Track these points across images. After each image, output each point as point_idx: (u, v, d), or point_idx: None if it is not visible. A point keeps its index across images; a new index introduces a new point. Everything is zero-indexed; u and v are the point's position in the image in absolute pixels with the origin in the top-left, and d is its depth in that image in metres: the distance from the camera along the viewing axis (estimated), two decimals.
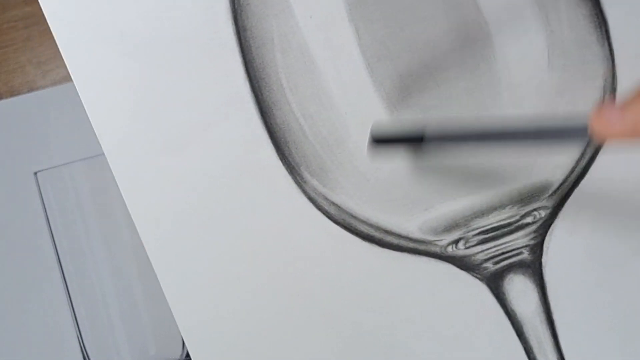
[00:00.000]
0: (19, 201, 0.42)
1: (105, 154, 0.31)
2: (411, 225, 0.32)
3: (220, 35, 0.31)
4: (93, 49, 0.31)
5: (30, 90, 0.43)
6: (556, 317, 0.32)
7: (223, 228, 0.32)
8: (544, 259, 0.32)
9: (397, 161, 0.30)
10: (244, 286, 0.32)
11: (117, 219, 0.40)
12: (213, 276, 0.32)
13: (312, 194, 0.32)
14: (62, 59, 0.31)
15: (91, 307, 0.41)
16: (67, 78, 0.42)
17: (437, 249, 0.32)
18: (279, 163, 0.32)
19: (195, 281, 0.32)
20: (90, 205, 0.41)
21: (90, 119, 0.31)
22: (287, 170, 0.32)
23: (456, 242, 0.32)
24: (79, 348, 0.41)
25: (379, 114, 0.30)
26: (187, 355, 0.40)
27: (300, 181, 0.32)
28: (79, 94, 0.31)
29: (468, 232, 0.31)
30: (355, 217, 0.32)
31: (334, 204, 0.32)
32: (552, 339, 0.32)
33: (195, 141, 0.31)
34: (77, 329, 0.41)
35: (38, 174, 0.41)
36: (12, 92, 0.43)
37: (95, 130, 0.31)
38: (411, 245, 0.32)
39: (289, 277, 0.32)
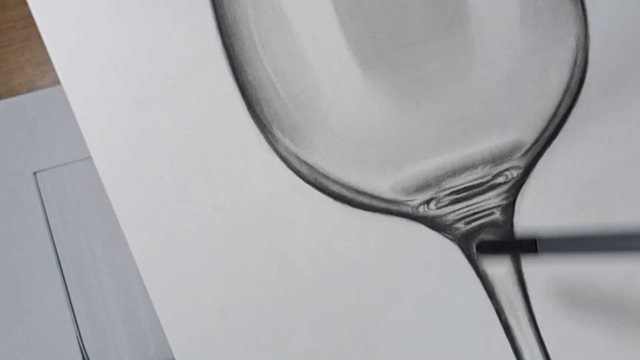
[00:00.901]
0: (19, 201, 0.41)
1: (75, 113, 0.31)
2: (383, 185, 0.31)
3: None
4: (67, 7, 0.30)
5: (30, 90, 0.42)
6: (527, 278, 0.32)
7: (194, 185, 0.31)
8: (515, 219, 0.32)
9: (370, 121, 0.30)
10: (216, 244, 0.31)
11: (116, 219, 0.40)
12: (185, 233, 0.31)
13: (284, 153, 0.32)
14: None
15: (91, 307, 0.40)
16: None
17: (409, 209, 0.32)
18: (251, 121, 0.31)
19: (165, 239, 0.31)
20: (90, 205, 0.40)
21: (60, 79, 0.30)
22: (258, 128, 0.31)
23: (428, 202, 0.31)
24: (79, 348, 0.41)
25: (352, 72, 0.30)
26: None
27: (272, 140, 0.31)
28: (46, 45, 0.30)
29: (440, 192, 0.31)
30: (327, 177, 0.32)
31: (306, 163, 0.31)
32: (524, 300, 0.32)
33: (167, 97, 0.31)
34: (76, 329, 0.40)
35: (37, 174, 0.41)
36: (12, 92, 0.42)
37: (66, 90, 0.30)
38: (383, 205, 0.32)
39: (260, 236, 0.32)
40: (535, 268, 0.31)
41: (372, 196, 0.31)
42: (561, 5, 0.30)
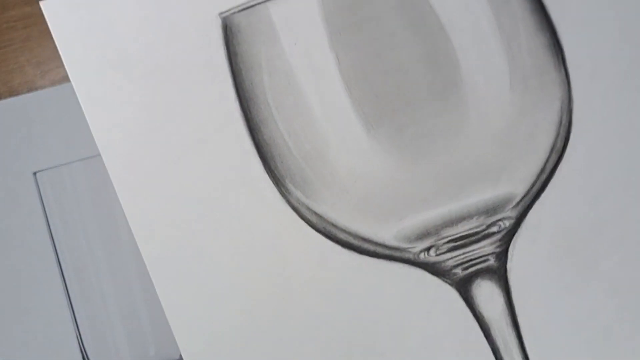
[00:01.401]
0: (18, 201, 0.42)
1: (106, 164, 0.34)
2: (386, 233, 0.34)
3: (213, 59, 0.34)
4: (98, 71, 0.34)
5: (30, 90, 0.43)
6: (521, 319, 0.34)
7: (214, 235, 0.34)
8: (509, 265, 0.34)
9: (374, 175, 0.33)
10: (233, 290, 0.34)
11: (116, 219, 0.41)
12: (204, 280, 0.34)
13: (296, 204, 0.35)
14: (62, 59, 0.32)
15: (90, 307, 0.41)
16: (67, 78, 0.40)
17: (411, 256, 0.34)
18: (266, 176, 0.35)
19: (188, 286, 0.34)
20: (90, 205, 0.41)
21: (91, 129, 0.34)
22: (273, 182, 0.35)
23: (428, 249, 0.34)
24: (79, 348, 0.41)
25: (357, 131, 0.33)
26: None
27: (285, 192, 0.35)
28: (83, 108, 0.33)
29: (439, 240, 0.34)
30: (335, 226, 0.34)
31: (316, 213, 0.34)
32: (517, 340, 0.34)
33: (190, 154, 0.34)
34: (76, 329, 0.40)
35: (37, 174, 0.42)
36: (11, 92, 0.43)
37: (97, 141, 0.34)
38: (387, 252, 0.34)
39: (274, 281, 0.34)
40: (528, 309, 0.34)
41: (376, 244, 0.34)
42: (547, 72, 0.33)
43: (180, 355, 0.40)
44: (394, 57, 0.33)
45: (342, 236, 0.34)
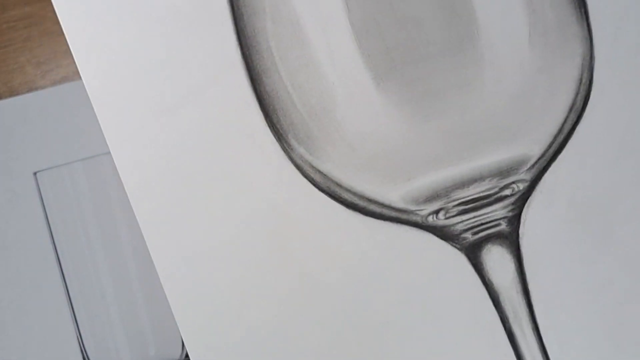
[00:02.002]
0: (19, 201, 0.42)
1: (97, 114, 0.32)
2: (394, 194, 0.32)
3: (213, 3, 0.32)
4: (90, 10, 0.32)
5: (30, 90, 0.43)
6: (532, 287, 0.33)
7: (210, 191, 0.32)
8: (521, 231, 0.33)
9: (383, 132, 0.31)
10: (230, 247, 0.32)
11: (116, 219, 0.40)
12: (201, 237, 0.32)
13: (299, 162, 0.33)
14: (62, 59, 0.31)
15: (91, 307, 0.41)
16: (67, 78, 0.42)
17: (419, 219, 0.33)
18: (267, 130, 0.32)
19: (183, 244, 0.32)
20: (90, 205, 0.41)
21: (86, 86, 0.31)
22: (275, 137, 0.32)
23: (437, 212, 0.32)
24: (79, 348, 0.40)
25: (366, 85, 0.31)
26: (187, 355, 0.40)
27: (287, 148, 0.32)
28: (75, 58, 0.31)
29: (448, 202, 0.32)
30: (340, 186, 0.33)
31: (319, 172, 0.32)
32: (528, 309, 0.33)
33: (187, 105, 0.32)
34: (76, 329, 0.40)
35: (37, 174, 0.41)
36: (12, 92, 0.43)
37: (88, 92, 0.32)
38: (393, 214, 0.33)
39: (274, 242, 0.32)
40: (539, 277, 0.32)
41: (382, 205, 0.32)
42: (568, 26, 0.31)
43: (181, 355, 0.40)
44: (408, 7, 0.31)
45: (347, 196, 0.33)
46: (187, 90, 0.32)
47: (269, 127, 0.32)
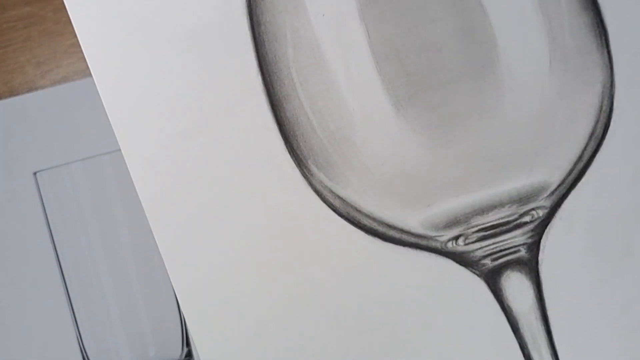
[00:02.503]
0: (19, 201, 0.42)
1: (117, 138, 0.32)
2: (413, 220, 0.32)
3: (235, 29, 0.32)
4: (111, 37, 0.32)
5: (30, 90, 0.42)
6: (551, 314, 0.32)
7: (231, 215, 0.32)
8: (540, 257, 0.33)
9: (402, 158, 0.31)
10: (250, 273, 0.32)
11: (116, 219, 0.40)
12: (220, 263, 0.32)
13: (319, 187, 0.33)
14: (62, 59, 0.31)
15: (91, 307, 0.40)
16: (67, 78, 0.42)
17: (438, 245, 0.33)
18: (287, 155, 0.32)
19: (200, 266, 0.32)
20: (90, 205, 0.40)
21: (105, 106, 0.31)
22: (294, 162, 0.32)
23: (456, 238, 0.32)
24: (79, 348, 0.40)
25: (385, 111, 0.31)
26: (187, 355, 0.40)
27: (307, 174, 0.32)
28: (96, 82, 0.31)
29: (468, 228, 0.32)
30: (359, 211, 0.32)
31: (339, 197, 0.32)
32: (547, 336, 0.32)
33: (208, 129, 0.32)
34: (76, 329, 0.40)
35: (37, 174, 0.41)
36: (12, 92, 0.42)
37: (109, 115, 0.32)
38: (413, 240, 0.33)
39: (293, 267, 0.32)
40: (558, 304, 0.32)
41: (402, 231, 0.32)
42: (589, 52, 0.31)
43: (181, 355, 0.40)
44: (428, 33, 0.31)
45: (366, 222, 0.32)
46: (207, 114, 0.32)
47: (289, 152, 0.32)
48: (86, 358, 0.41)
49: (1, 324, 0.41)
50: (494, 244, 0.32)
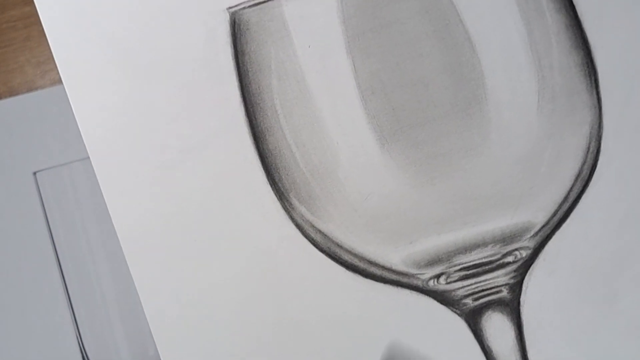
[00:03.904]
0: (18, 201, 0.41)
1: (95, 167, 0.31)
2: (395, 257, 0.31)
3: (218, 57, 0.31)
4: (90, 63, 0.31)
5: (30, 90, 0.42)
6: (531, 355, 0.32)
7: (210, 248, 0.31)
8: (522, 298, 0.32)
9: (386, 194, 0.31)
10: (228, 308, 0.31)
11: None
12: (198, 297, 0.31)
13: (300, 221, 0.32)
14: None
15: (90, 307, 0.40)
16: None
17: (419, 283, 0.32)
18: (269, 188, 0.31)
19: (178, 300, 0.31)
20: (90, 205, 0.40)
21: (81, 131, 0.31)
22: (276, 195, 0.31)
23: (438, 276, 0.32)
24: (78, 348, 0.40)
25: (370, 146, 0.30)
26: None
27: (288, 207, 0.31)
28: (74, 111, 0.30)
29: (450, 267, 0.31)
30: (340, 247, 0.32)
31: (320, 232, 0.32)
32: None
33: (187, 160, 0.31)
34: (76, 329, 0.40)
35: (37, 174, 0.40)
36: (11, 92, 0.42)
37: (85, 142, 0.31)
38: (394, 277, 0.32)
39: (273, 302, 0.31)
40: (539, 345, 0.32)
41: (383, 267, 0.31)
42: (578, 93, 0.31)
43: None
44: (415, 68, 0.30)
45: (347, 257, 0.32)
46: (188, 145, 0.31)
47: (271, 185, 0.31)
48: (86, 358, 0.40)
49: (1, 324, 0.41)
50: (475, 283, 0.31)
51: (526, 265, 0.31)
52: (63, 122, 0.41)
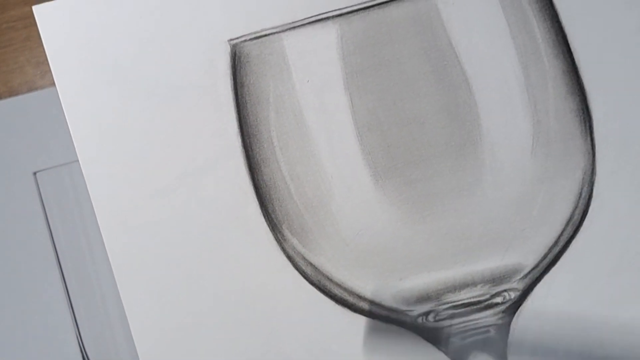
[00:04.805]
0: (18, 201, 0.41)
1: (89, 190, 0.31)
2: (385, 293, 0.31)
3: (218, 87, 0.31)
4: (90, 91, 0.31)
5: (30, 90, 0.42)
6: None
7: (200, 276, 0.31)
8: (509, 340, 0.32)
9: (378, 230, 0.31)
10: (217, 338, 0.31)
11: None
12: (187, 326, 0.31)
13: (291, 253, 0.32)
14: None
15: (90, 307, 0.40)
16: None
17: (408, 319, 0.32)
18: (262, 219, 0.31)
19: (167, 327, 0.31)
20: (90, 205, 0.40)
21: (81, 165, 0.31)
22: (268, 226, 0.31)
23: (427, 314, 0.31)
24: (79, 348, 0.40)
25: (364, 182, 0.31)
26: None
27: (280, 239, 0.31)
28: (71, 132, 0.31)
29: (439, 305, 0.31)
30: (330, 280, 0.31)
31: (311, 264, 0.32)
32: None
33: (182, 188, 0.31)
34: (76, 329, 0.40)
35: (37, 174, 0.40)
36: (11, 92, 0.42)
37: (82, 166, 0.31)
38: (383, 313, 0.31)
39: (261, 330, 0.31)
40: None
41: (373, 303, 0.31)
42: (572, 138, 0.31)
43: None
44: (412, 107, 0.31)
45: (337, 291, 0.32)
46: (182, 173, 0.31)
47: (264, 216, 0.31)
48: (86, 358, 0.40)
49: (1, 324, 0.41)
50: (463, 322, 0.31)
51: (514, 307, 0.31)
52: (63, 122, 0.41)
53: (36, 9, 0.30)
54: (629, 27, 0.31)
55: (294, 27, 0.30)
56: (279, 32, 0.30)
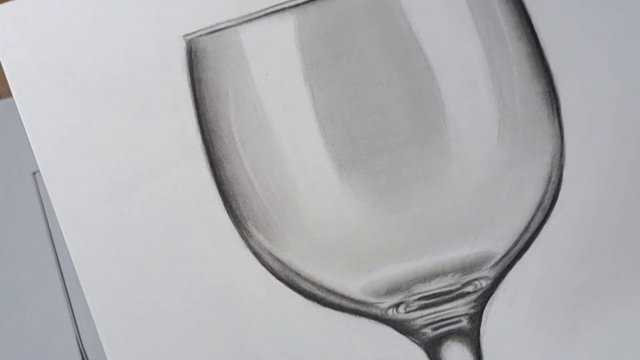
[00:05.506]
0: (18, 201, 0.40)
1: (50, 193, 0.31)
2: (354, 286, 0.31)
3: (175, 85, 0.30)
4: (44, 89, 0.30)
5: None
6: None
7: (166, 276, 0.30)
8: (482, 329, 0.31)
9: (344, 223, 0.30)
10: (184, 336, 0.30)
11: None
12: (153, 326, 0.30)
13: (257, 249, 0.31)
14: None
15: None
16: None
17: (378, 312, 0.31)
18: (226, 216, 0.31)
19: (134, 326, 0.31)
20: None
21: (36, 157, 0.30)
22: (233, 223, 0.31)
23: (397, 305, 0.31)
24: (78, 348, 0.40)
25: (329, 174, 0.30)
26: None
27: (246, 235, 0.31)
28: (27, 133, 0.30)
29: (409, 296, 0.31)
30: (299, 275, 0.31)
31: (278, 260, 0.31)
32: None
33: (142, 187, 0.30)
34: (76, 329, 0.40)
35: (37, 174, 0.40)
36: (11, 92, 0.42)
37: (41, 170, 0.30)
38: (353, 305, 0.31)
39: (230, 329, 0.31)
40: None
41: (342, 296, 0.31)
42: (539, 122, 0.30)
43: None
44: (374, 96, 0.30)
45: (306, 286, 0.31)
46: (143, 172, 0.30)
47: (228, 213, 0.30)
48: (85, 358, 0.40)
49: (1, 324, 0.41)
50: (435, 313, 0.31)
51: (486, 295, 0.30)
52: None
53: None
54: (594, 5, 0.30)
55: (250, 20, 0.29)
56: (235, 25, 0.29)
